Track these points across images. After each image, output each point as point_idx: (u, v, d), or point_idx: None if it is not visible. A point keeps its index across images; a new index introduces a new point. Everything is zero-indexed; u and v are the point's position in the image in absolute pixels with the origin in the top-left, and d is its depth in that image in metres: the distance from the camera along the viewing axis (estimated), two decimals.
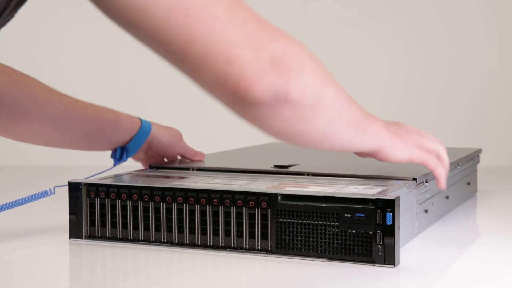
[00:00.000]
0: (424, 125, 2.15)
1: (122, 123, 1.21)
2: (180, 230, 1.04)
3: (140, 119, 1.25)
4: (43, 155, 2.14)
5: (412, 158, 1.07)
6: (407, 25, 2.15)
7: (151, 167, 1.27)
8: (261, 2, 2.18)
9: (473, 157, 1.49)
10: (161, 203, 1.05)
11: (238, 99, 0.84)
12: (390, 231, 0.94)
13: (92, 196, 1.08)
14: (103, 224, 1.07)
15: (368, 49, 2.18)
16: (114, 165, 1.24)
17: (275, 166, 1.23)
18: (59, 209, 1.26)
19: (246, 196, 1.01)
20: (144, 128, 1.23)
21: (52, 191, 1.13)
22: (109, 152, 1.27)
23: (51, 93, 1.16)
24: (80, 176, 1.11)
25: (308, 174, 1.18)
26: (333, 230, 0.96)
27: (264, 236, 1.00)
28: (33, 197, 1.13)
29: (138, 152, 1.26)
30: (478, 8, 2.13)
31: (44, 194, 1.13)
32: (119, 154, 1.23)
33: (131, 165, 1.33)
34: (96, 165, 1.99)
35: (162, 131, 1.27)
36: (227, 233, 1.02)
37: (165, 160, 1.32)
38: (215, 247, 1.02)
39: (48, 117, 1.14)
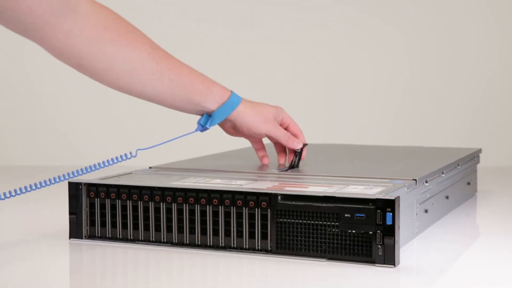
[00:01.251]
0: (424, 125, 2.16)
1: (213, 94, 1.18)
2: (180, 230, 1.04)
3: (232, 92, 1.21)
4: (43, 155, 2.14)
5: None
6: (408, 25, 2.15)
7: (150, 167, 1.27)
8: (261, 1, 2.18)
9: (473, 157, 1.49)
10: (161, 203, 1.05)
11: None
12: (390, 231, 0.94)
13: (92, 196, 1.08)
14: (103, 224, 1.07)
15: (368, 49, 2.18)
16: (196, 130, 1.22)
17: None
18: (59, 209, 1.26)
19: (246, 196, 1.01)
20: (231, 102, 1.19)
21: (133, 154, 1.15)
22: (108, 152, 1.27)
23: (150, 55, 1.12)
24: (80, 176, 1.11)
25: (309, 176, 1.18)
26: (333, 230, 0.96)
27: (264, 236, 1.00)
28: (114, 159, 1.14)
29: (226, 125, 1.23)
30: (478, 9, 2.13)
31: (125, 156, 1.14)
32: (204, 121, 1.21)
33: (132, 165, 1.33)
34: None
35: (247, 109, 1.22)
36: (227, 233, 1.02)
37: (252, 139, 1.28)
38: (215, 247, 1.02)
39: (139, 80, 1.13)
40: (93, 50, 1.07)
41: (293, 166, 1.24)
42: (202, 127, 1.21)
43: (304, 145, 1.26)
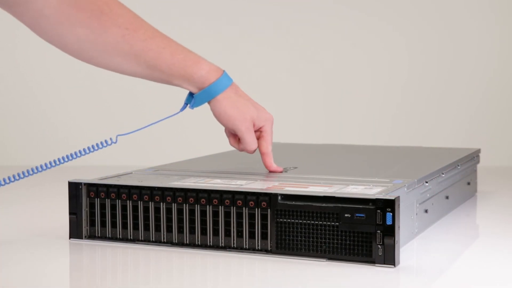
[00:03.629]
0: (424, 125, 2.16)
1: (194, 80, 1.14)
2: (180, 230, 1.04)
3: (218, 79, 1.16)
4: (43, 155, 2.14)
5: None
6: (408, 25, 2.15)
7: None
8: (260, 1, 2.18)
9: (473, 157, 1.49)
10: (161, 203, 1.05)
11: None
12: (390, 231, 0.94)
13: (92, 196, 1.08)
14: (103, 224, 1.07)
15: (368, 49, 2.18)
16: (181, 110, 1.18)
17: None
18: (59, 209, 1.26)
19: (246, 196, 1.01)
20: (211, 89, 1.15)
21: (114, 140, 1.12)
22: (109, 152, 1.27)
23: (124, 38, 1.09)
24: (80, 176, 1.11)
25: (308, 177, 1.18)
26: (333, 230, 0.96)
27: (264, 236, 1.00)
28: (95, 146, 1.11)
29: (210, 108, 1.17)
30: (478, 9, 2.13)
31: (106, 143, 1.11)
32: (188, 99, 1.17)
33: (131, 165, 1.33)
34: (96, 165, 1.99)
35: (226, 101, 1.16)
36: (227, 233, 1.02)
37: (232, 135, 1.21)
38: (215, 247, 1.02)
39: (112, 61, 1.11)
40: (61, 31, 1.06)
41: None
42: (189, 106, 1.17)
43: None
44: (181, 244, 1.04)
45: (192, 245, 1.03)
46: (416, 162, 1.38)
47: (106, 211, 1.07)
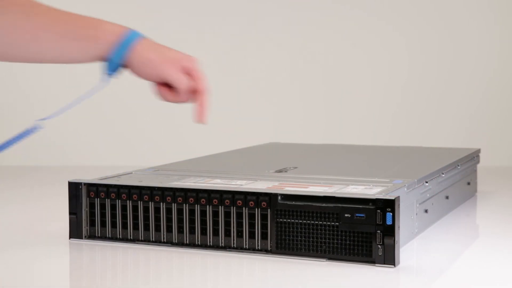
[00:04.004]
0: (424, 125, 2.16)
1: (99, 41, 1.06)
2: (180, 230, 1.04)
3: (125, 33, 1.07)
4: (43, 155, 2.14)
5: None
6: (408, 25, 2.15)
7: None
8: (260, 1, 2.18)
9: (473, 157, 1.49)
10: (161, 203, 1.05)
11: None
12: (390, 231, 0.94)
13: (92, 196, 1.08)
14: (103, 224, 1.07)
15: (368, 49, 2.18)
16: (103, 82, 1.09)
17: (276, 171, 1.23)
18: (59, 209, 1.26)
19: (246, 196, 1.01)
20: (128, 38, 1.06)
21: (39, 126, 1.04)
22: (109, 152, 1.27)
23: (18, 20, 1.04)
24: (80, 176, 1.11)
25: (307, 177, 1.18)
26: (333, 230, 0.96)
27: (264, 236, 1.00)
28: (20, 135, 1.03)
29: (130, 68, 1.09)
30: (478, 8, 2.13)
31: (31, 131, 1.03)
32: (107, 68, 1.08)
33: (131, 165, 1.33)
34: (96, 165, 1.99)
35: (145, 51, 1.07)
36: (227, 233, 1.02)
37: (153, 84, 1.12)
38: (215, 247, 1.02)
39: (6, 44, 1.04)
40: None
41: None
42: (109, 75, 1.08)
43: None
44: (181, 244, 1.04)
45: (192, 245, 1.03)
46: (416, 162, 1.38)
47: (106, 211, 1.07)
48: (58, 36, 1.06)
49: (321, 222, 0.97)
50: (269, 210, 0.99)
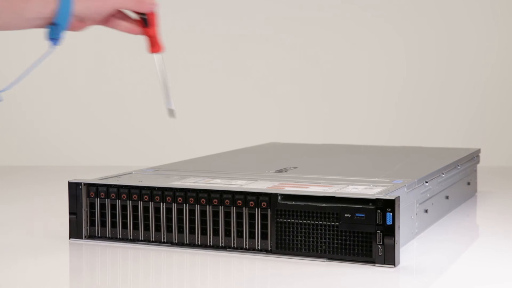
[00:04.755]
0: (424, 125, 2.16)
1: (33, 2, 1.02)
2: (180, 230, 1.04)
3: None
4: (43, 155, 2.14)
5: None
6: (408, 24, 2.15)
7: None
8: (260, 1, 2.18)
9: (473, 157, 1.49)
10: (161, 203, 1.05)
11: None
12: (390, 231, 0.94)
13: (92, 196, 1.08)
14: (103, 224, 1.07)
15: (368, 49, 2.18)
16: (52, 46, 1.05)
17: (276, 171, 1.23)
18: (59, 209, 1.26)
19: (246, 196, 1.01)
20: (63, 4, 1.03)
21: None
22: (109, 152, 1.26)
23: None
24: (80, 176, 1.11)
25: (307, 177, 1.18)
26: (333, 230, 0.96)
27: (264, 236, 1.00)
28: None
29: (73, 24, 1.06)
30: (478, 8, 2.13)
31: None
32: (53, 33, 1.04)
33: (131, 165, 1.33)
34: (96, 165, 1.99)
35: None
36: (227, 233, 1.02)
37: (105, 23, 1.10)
38: (215, 247, 1.02)
39: None
40: None
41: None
42: (55, 40, 1.05)
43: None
44: (181, 244, 1.04)
45: (192, 245, 1.03)
46: (416, 162, 1.38)
47: (106, 211, 1.07)
48: None
49: (321, 222, 0.97)
50: (269, 210, 0.99)
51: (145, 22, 1.10)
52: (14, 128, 2.20)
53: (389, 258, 0.94)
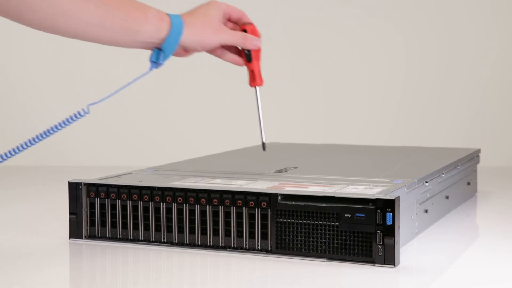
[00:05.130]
0: (424, 125, 2.16)
1: (149, 21, 1.08)
2: (180, 230, 1.04)
3: (170, 16, 1.11)
4: (43, 155, 2.14)
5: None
6: (407, 24, 2.15)
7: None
8: (260, 1, 2.18)
9: (473, 157, 1.49)
10: (161, 203, 1.05)
11: None
12: (390, 231, 0.94)
13: (92, 196, 1.08)
14: (103, 224, 1.07)
15: (368, 49, 2.18)
16: (151, 69, 1.10)
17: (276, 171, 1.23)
18: (59, 209, 1.26)
19: (246, 196, 1.01)
20: (175, 28, 1.09)
21: (86, 111, 1.07)
22: (109, 152, 1.26)
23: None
24: (80, 176, 1.11)
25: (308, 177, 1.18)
26: (333, 230, 0.96)
27: (264, 236, 1.00)
28: (69, 119, 1.06)
29: (177, 51, 1.12)
30: (478, 8, 2.13)
31: (79, 115, 1.07)
32: (155, 57, 1.10)
33: (131, 165, 1.33)
34: (96, 165, 1.99)
35: (193, 28, 1.11)
36: (227, 233, 1.02)
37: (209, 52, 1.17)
38: (215, 247, 1.02)
39: (62, 13, 1.01)
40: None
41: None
42: (156, 64, 1.10)
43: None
44: (181, 244, 1.04)
45: (192, 245, 1.03)
46: (416, 162, 1.38)
47: (106, 211, 1.07)
48: (101, 12, 1.04)
49: (321, 222, 0.97)
50: (269, 210, 0.99)
51: (248, 56, 1.15)
52: (14, 128, 2.20)
53: (389, 258, 0.94)
